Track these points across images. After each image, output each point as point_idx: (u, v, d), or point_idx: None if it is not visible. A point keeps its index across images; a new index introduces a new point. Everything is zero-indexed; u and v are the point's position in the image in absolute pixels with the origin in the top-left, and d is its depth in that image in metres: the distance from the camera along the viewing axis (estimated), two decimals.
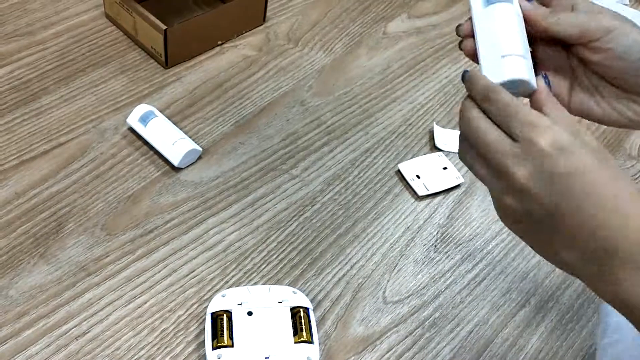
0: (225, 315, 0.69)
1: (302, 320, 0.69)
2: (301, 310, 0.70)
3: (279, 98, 0.96)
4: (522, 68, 0.49)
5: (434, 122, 0.95)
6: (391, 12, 1.13)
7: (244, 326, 0.68)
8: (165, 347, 0.69)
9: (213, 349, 0.67)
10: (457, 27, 0.54)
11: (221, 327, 0.68)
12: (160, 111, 0.88)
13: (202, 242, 0.78)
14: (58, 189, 0.80)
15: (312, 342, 0.68)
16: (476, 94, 0.47)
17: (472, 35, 0.52)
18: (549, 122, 0.44)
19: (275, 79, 0.98)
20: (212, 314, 0.69)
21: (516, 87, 0.49)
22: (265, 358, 0.66)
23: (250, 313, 0.69)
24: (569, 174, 0.43)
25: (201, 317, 0.71)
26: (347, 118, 0.94)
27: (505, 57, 0.49)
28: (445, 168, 0.89)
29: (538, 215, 0.44)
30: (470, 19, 0.53)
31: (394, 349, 0.72)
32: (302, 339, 0.68)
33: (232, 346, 0.67)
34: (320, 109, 0.95)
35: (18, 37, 0.97)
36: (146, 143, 0.86)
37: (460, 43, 0.54)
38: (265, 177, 0.86)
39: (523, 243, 0.81)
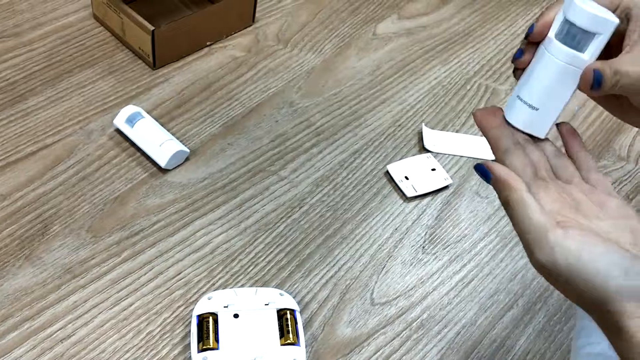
0: (211, 318, 0.68)
1: (289, 323, 0.69)
2: (288, 312, 0.70)
3: (268, 99, 0.95)
4: (522, 118, 0.49)
5: (423, 124, 0.94)
6: (381, 13, 1.13)
7: (230, 329, 0.68)
8: (151, 350, 0.69)
9: (199, 351, 0.66)
10: (516, 54, 0.50)
11: (207, 329, 0.67)
12: (148, 112, 0.88)
13: (189, 244, 0.78)
14: (44, 191, 0.80)
15: (298, 345, 0.68)
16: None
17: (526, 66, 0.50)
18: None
19: (264, 80, 0.98)
20: (198, 316, 0.69)
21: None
22: None
23: (236, 315, 0.69)
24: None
25: (187, 320, 0.71)
26: (336, 119, 0.94)
27: (517, 99, 0.49)
28: (433, 169, 0.88)
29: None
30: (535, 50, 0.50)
31: (381, 351, 0.72)
32: (288, 341, 0.67)
33: (217, 349, 0.66)
34: (309, 110, 0.95)
35: (5, 38, 0.97)
36: (133, 144, 0.86)
37: (514, 71, 0.51)
38: (254, 179, 0.85)
39: (511, 244, 0.83)
